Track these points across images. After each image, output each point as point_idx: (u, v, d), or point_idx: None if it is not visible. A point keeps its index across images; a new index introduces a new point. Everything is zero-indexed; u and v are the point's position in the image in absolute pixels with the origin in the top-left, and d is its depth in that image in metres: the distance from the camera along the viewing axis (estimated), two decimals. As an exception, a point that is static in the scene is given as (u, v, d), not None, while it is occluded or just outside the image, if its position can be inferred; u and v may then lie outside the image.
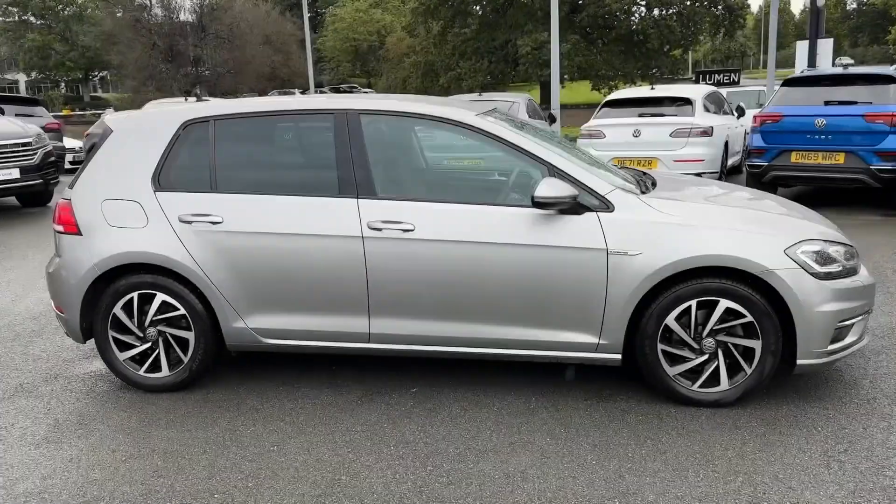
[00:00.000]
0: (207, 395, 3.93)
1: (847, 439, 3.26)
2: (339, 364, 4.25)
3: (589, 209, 3.55)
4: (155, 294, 3.87)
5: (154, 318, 3.90)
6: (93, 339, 4.01)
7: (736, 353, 3.56)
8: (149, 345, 3.94)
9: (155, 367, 3.96)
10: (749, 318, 3.48)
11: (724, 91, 13.43)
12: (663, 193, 3.83)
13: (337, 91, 56.61)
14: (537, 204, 3.45)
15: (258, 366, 4.30)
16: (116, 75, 49.40)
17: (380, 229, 3.64)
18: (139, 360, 3.97)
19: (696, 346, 3.57)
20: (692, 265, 3.46)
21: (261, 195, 3.79)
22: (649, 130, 9.67)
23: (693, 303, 3.51)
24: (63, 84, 67.44)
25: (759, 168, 8.99)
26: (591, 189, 3.58)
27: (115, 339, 3.96)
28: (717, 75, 22.92)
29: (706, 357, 3.58)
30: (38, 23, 60.08)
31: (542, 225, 3.55)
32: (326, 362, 4.27)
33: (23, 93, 63.92)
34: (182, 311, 3.87)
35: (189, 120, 3.95)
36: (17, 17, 59.61)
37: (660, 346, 3.59)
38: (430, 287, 3.65)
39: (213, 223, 3.78)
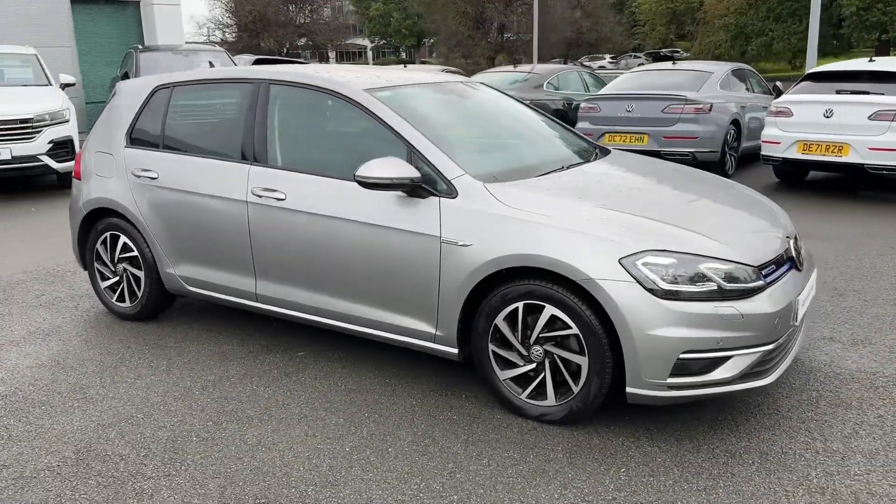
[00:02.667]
0: (150, 329, 4.50)
1: (632, 489, 2.77)
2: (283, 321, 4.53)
3: (434, 193, 3.38)
4: (120, 235, 4.52)
5: (119, 256, 4.55)
6: (91, 269, 4.82)
7: (563, 367, 3.17)
8: (117, 278, 4.62)
9: (122, 297, 4.63)
10: (575, 330, 3.07)
11: None
12: (537, 182, 3.47)
13: (656, 56, 54.64)
14: (359, 183, 3.37)
15: (217, 312, 4.77)
16: (433, 42, 53.16)
17: (260, 196, 3.84)
18: (115, 289, 4.67)
19: (524, 352, 3.24)
20: (512, 263, 3.14)
21: (187, 156, 4.20)
22: (844, 110, 8.16)
23: (520, 305, 3.19)
24: (402, 50, 74.39)
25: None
26: (441, 173, 3.39)
27: (98, 270, 4.70)
28: None
29: (534, 365, 3.24)
30: (383, -8, 66.77)
31: (391, 206, 3.45)
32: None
33: (369, 58, 71.91)
34: (136, 252, 4.46)
35: (159, 85, 4.47)
36: (365, -12, 66.91)
37: (490, 347, 3.32)
38: (297, 256, 3.77)
39: (152, 178, 4.28)
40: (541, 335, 3.17)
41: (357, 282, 3.61)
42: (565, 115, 11.24)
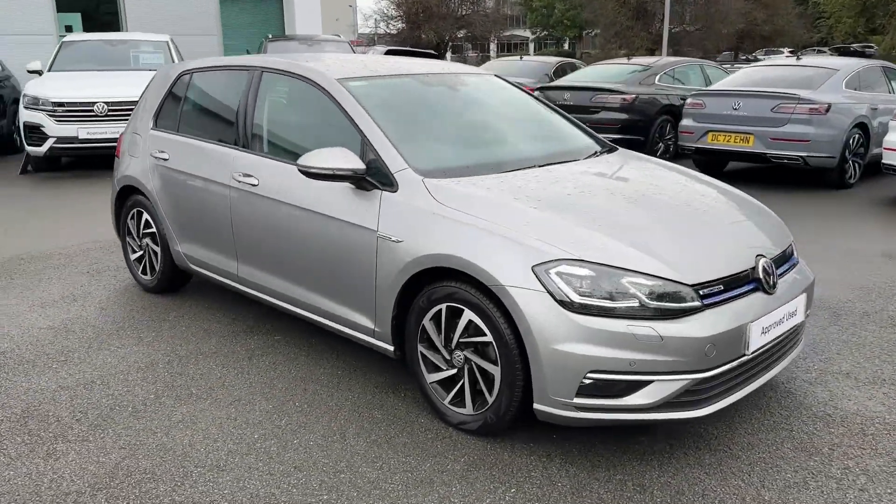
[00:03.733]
0: (161, 302, 4.75)
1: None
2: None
3: (378, 186, 3.31)
4: (143, 212, 4.80)
5: (143, 232, 4.84)
6: (127, 241, 5.16)
7: (480, 376, 3.01)
8: (141, 252, 4.91)
9: (145, 270, 4.93)
10: (489, 338, 2.91)
11: None
12: (483, 180, 3.29)
13: (844, 52, 50.27)
14: (301, 172, 3.35)
15: (226, 290, 4.95)
16: (595, 34, 51.89)
17: (240, 181, 3.94)
18: (140, 262, 4.97)
19: (447, 356, 3.12)
20: (431, 263, 3.03)
21: (193, 139, 4.37)
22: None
23: (444, 307, 3.06)
24: (566, 41, 73.36)
25: None
26: (386, 165, 3.32)
27: (129, 244, 5.03)
28: None
29: (456, 371, 3.10)
30: (547, -16, 66.20)
31: (342, 197, 3.43)
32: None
33: (530, 50, 71.56)
34: (154, 229, 4.73)
35: (183, 71, 4.69)
36: (530, -21, 66.60)
37: (419, 347, 3.22)
38: (266, 241, 3.83)
39: (164, 160, 4.51)
40: (460, 340, 3.03)
41: (310, 270, 3.62)
42: (675, 111, 10.60)
